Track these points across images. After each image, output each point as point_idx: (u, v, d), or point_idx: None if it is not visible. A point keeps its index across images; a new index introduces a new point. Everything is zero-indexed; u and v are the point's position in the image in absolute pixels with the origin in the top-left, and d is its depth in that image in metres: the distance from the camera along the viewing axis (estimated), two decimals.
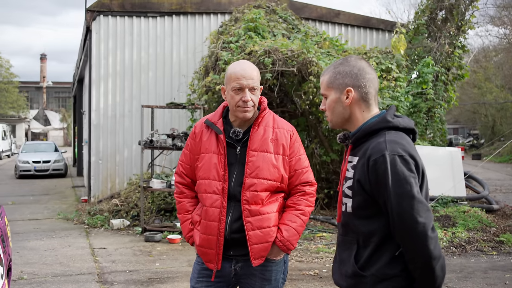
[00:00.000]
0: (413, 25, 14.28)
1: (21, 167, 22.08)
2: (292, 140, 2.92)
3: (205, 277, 2.94)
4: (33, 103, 69.93)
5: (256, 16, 10.12)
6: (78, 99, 24.55)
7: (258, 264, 2.84)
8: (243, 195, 2.82)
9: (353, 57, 2.27)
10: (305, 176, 2.94)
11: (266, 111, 2.96)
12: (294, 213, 2.90)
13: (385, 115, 2.19)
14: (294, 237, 2.87)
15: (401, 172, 2.01)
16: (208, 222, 2.86)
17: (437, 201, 10.81)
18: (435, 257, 1.99)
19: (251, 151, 2.85)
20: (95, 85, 12.63)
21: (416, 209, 1.98)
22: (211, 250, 2.87)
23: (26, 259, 7.60)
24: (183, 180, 3.09)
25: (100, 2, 12.96)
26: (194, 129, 3.06)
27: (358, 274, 2.11)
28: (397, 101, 9.75)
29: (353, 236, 2.18)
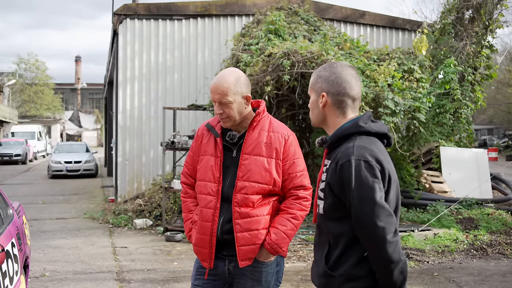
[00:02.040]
0: (439, 25, 14.12)
1: (53, 167, 22.65)
2: (286, 144, 2.97)
3: (202, 275, 3.06)
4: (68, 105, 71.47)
5: (276, 19, 10.17)
6: (109, 100, 25.03)
7: (245, 265, 2.92)
8: (234, 197, 2.91)
9: (338, 64, 2.35)
10: (298, 180, 2.98)
11: (262, 115, 3.02)
12: (285, 217, 2.94)
13: (357, 120, 2.25)
14: (283, 240, 2.91)
15: (365, 177, 2.07)
16: (203, 223, 2.96)
17: (461, 203, 10.68)
18: (393, 261, 2.03)
19: (245, 154, 2.93)
20: (121, 87, 12.89)
21: (376, 214, 2.03)
22: (204, 249, 2.97)
23: (50, 256, 7.84)
24: (187, 181, 3.21)
25: (127, 5, 13.23)
26: (197, 131, 3.18)
27: (327, 274, 2.18)
28: (419, 102, 9.65)
29: (325, 236, 2.25)
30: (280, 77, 9.04)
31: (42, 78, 59.69)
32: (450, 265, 7.39)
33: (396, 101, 9.26)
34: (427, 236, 8.76)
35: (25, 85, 57.92)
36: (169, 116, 11.57)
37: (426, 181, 11.68)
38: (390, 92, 9.33)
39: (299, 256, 7.81)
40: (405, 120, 9.98)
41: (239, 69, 9.97)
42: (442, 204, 10.41)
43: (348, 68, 2.33)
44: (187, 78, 13.14)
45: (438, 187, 11.54)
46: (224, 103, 2.90)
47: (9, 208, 4.69)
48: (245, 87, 2.95)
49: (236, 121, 2.95)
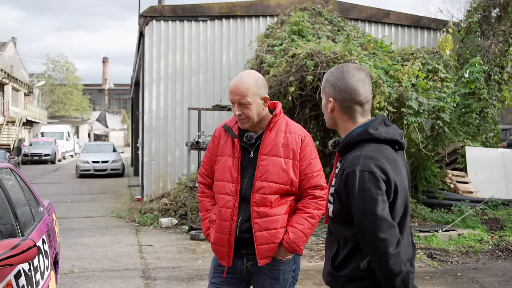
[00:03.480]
0: (465, 24, 13.99)
1: (81, 166, 23.07)
2: (303, 145, 3.03)
3: (220, 273, 3.13)
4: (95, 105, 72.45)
5: (300, 19, 10.23)
6: (135, 101, 25.36)
7: (264, 263, 2.99)
8: (252, 197, 2.98)
9: (346, 67, 2.33)
10: (315, 180, 3.04)
11: (279, 116, 3.08)
12: (302, 216, 3.01)
13: (367, 126, 2.24)
14: (301, 239, 2.97)
15: (368, 189, 2.08)
16: (221, 222, 3.04)
17: (486, 204, 10.59)
18: (394, 273, 2.05)
19: (262, 155, 3.00)
20: (147, 88, 13.10)
21: (377, 225, 2.04)
22: (223, 248, 3.04)
23: (78, 254, 8.04)
24: (205, 181, 3.28)
25: (153, 7, 13.43)
26: (214, 132, 3.23)
27: (332, 273, 2.26)
28: (443, 102, 9.61)
29: (335, 237, 2.30)
30: (304, 78, 9.10)
31: (71, 79, 60.71)
32: (474, 265, 7.35)
33: (420, 101, 9.24)
34: (451, 237, 8.72)
35: (54, 86, 58.98)
36: (194, 117, 11.72)
37: (451, 181, 11.60)
38: (414, 92, 9.32)
39: (322, 255, 7.87)
40: (430, 120, 9.95)
41: (263, 70, 10.09)
42: (467, 205, 10.34)
43: (356, 71, 2.30)
44: (212, 79, 13.28)
45: (463, 187, 11.46)
46: (243, 104, 2.95)
47: (40, 206, 4.86)
48: (263, 88, 3.01)
49: (254, 122, 3.01)
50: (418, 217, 10.06)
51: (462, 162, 12.29)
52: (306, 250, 8.21)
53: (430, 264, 7.36)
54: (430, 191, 10.90)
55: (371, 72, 8.83)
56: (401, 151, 2.33)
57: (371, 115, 2.37)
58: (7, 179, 4.17)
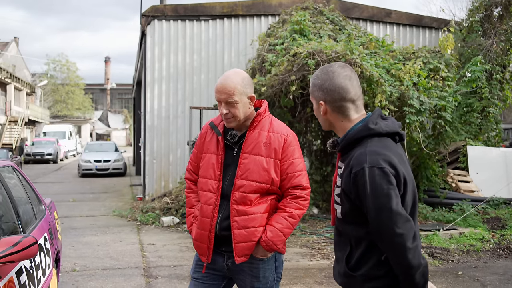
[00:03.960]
0: (467, 23, 13.99)
1: (83, 166, 23.11)
2: (285, 144, 3.03)
3: (201, 268, 3.14)
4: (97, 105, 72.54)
5: (301, 19, 10.24)
6: (137, 100, 25.39)
7: (241, 261, 3.00)
8: (232, 195, 2.99)
9: (330, 68, 2.31)
10: (297, 179, 3.03)
11: (263, 115, 3.09)
12: (282, 215, 3.01)
13: (366, 122, 2.23)
14: (279, 238, 2.97)
15: (380, 185, 2.06)
16: (203, 218, 3.06)
17: (488, 203, 10.59)
18: (413, 266, 2.05)
19: (244, 153, 3.01)
20: (149, 88, 13.12)
21: (394, 221, 2.03)
22: (203, 244, 3.06)
23: (80, 252, 8.06)
24: (191, 177, 3.30)
25: (155, 7, 13.45)
26: (202, 129, 3.26)
27: (348, 274, 2.23)
28: (445, 101, 9.61)
29: (346, 238, 2.28)
30: (305, 77, 9.11)
31: (72, 78, 60.81)
32: (475, 264, 7.36)
33: (422, 100, 9.25)
34: (452, 235, 8.73)
35: (56, 86, 59.08)
36: (195, 116, 11.74)
37: (453, 180, 11.61)
38: (415, 91, 9.32)
39: (323, 254, 7.88)
40: (431, 119, 9.96)
41: (265, 69, 10.09)
42: (469, 204, 10.34)
43: (341, 69, 2.28)
44: (213, 78, 13.29)
45: (465, 187, 11.46)
46: (230, 103, 2.95)
47: (42, 204, 4.88)
48: (250, 87, 3.02)
49: (241, 121, 3.01)
50: (419, 216, 10.06)
51: (464, 161, 12.29)
52: (307, 249, 8.23)
53: (431, 262, 7.37)
54: (432, 190, 10.90)
55: (372, 71, 8.84)
56: (400, 143, 2.31)
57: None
58: (9, 178, 4.19)
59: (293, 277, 6.66)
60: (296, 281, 6.46)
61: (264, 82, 9.50)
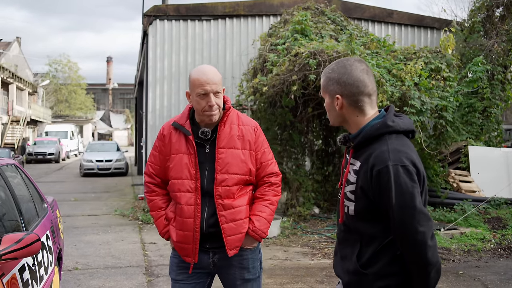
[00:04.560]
0: (468, 23, 14.00)
1: (85, 165, 23.16)
2: (256, 135, 3.11)
3: (184, 269, 3.11)
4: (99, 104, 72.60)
5: (303, 19, 10.26)
6: (139, 100, 25.43)
7: (234, 254, 3.03)
8: (215, 190, 3.00)
9: (346, 61, 2.29)
10: (270, 167, 3.15)
11: (231, 110, 3.13)
12: (263, 204, 3.11)
13: (385, 119, 2.21)
14: (265, 226, 3.08)
15: (404, 184, 2.06)
16: (184, 219, 3.03)
17: (489, 203, 10.60)
18: (431, 264, 2.07)
19: (220, 148, 3.02)
20: (151, 87, 13.15)
21: (417, 219, 2.05)
22: (188, 245, 3.04)
23: (82, 251, 8.09)
24: (153, 180, 3.23)
25: (157, 7, 13.47)
26: (162, 131, 3.17)
27: (360, 272, 2.20)
28: (446, 101, 9.63)
29: (355, 235, 2.25)
30: (307, 77, 9.13)
31: (74, 78, 60.89)
32: (476, 264, 7.37)
33: (423, 100, 9.26)
34: (453, 235, 8.74)
35: (58, 86, 59.16)
36: None
37: (454, 180, 11.62)
38: (416, 91, 9.34)
39: (324, 253, 7.90)
40: (432, 119, 9.97)
41: (266, 69, 10.10)
42: (470, 204, 10.35)
43: (358, 63, 2.26)
44: None
45: (466, 187, 11.47)
46: (218, 93, 2.97)
47: (44, 202, 4.91)
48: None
49: (221, 112, 3.06)
50: None
51: (465, 161, 12.30)
52: (308, 248, 8.25)
53: None
54: (433, 190, 10.91)
55: (373, 71, 8.86)
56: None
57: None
58: (12, 176, 4.22)
59: (294, 276, 6.69)
60: (297, 280, 6.48)
61: (266, 82, 9.52)
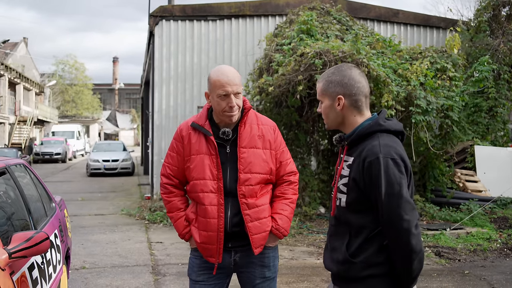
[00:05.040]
0: (474, 23, 13.98)
1: (92, 165, 23.25)
2: (275, 135, 3.16)
3: (206, 270, 3.13)
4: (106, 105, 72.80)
5: (309, 19, 10.28)
6: (145, 100, 25.50)
7: (259, 252, 3.08)
8: (239, 190, 3.02)
9: (345, 66, 2.48)
10: (289, 166, 3.20)
11: (250, 110, 3.15)
12: (284, 202, 3.16)
13: (377, 119, 2.41)
14: (287, 224, 3.13)
15: (393, 174, 2.23)
16: (208, 220, 3.03)
17: (495, 202, 10.58)
18: (415, 251, 2.20)
19: (242, 148, 3.05)
20: (157, 87, 13.20)
21: (403, 208, 2.20)
22: (212, 245, 3.05)
23: (89, 250, 8.15)
24: (171, 181, 3.22)
25: (163, 7, 13.53)
26: (180, 132, 3.15)
27: (348, 260, 2.34)
28: (452, 101, 9.63)
29: (345, 227, 2.39)
30: (312, 77, 9.15)
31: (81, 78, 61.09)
32: (482, 263, 7.37)
33: (429, 99, 9.27)
34: (459, 235, 8.74)
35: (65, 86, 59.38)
36: None
37: (460, 180, 11.61)
38: (422, 91, 9.34)
39: None
40: (438, 119, 9.97)
41: (272, 69, 10.12)
42: (476, 203, 10.35)
43: (354, 68, 2.47)
44: None
45: (472, 186, 11.46)
46: (238, 93, 3.00)
47: (52, 202, 4.96)
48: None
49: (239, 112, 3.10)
50: (426, 215, 10.07)
51: (471, 161, 12.28)
52: (314, 247, 8.27)
53: (438, 261, 7.40)
54: (439, 190, 10.91)
55: (379, 71, 8.87)
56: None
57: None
58: (21, 176, 4.27)
59: (300, 275, 6.71)
60: (303, 279, 6.51)
61: (271, 82, 9.55)
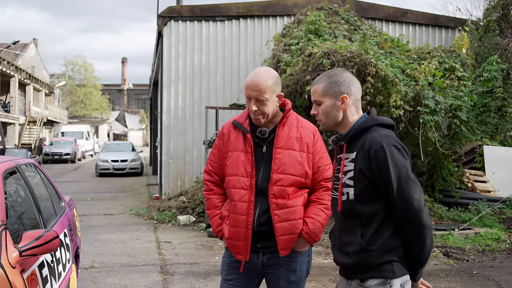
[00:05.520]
0: (483, 22, 13.92)
1: (101, 165, 23.37)
2: (315, 139, 3.14)
3: (235, 269, 3.16)
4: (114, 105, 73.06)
5: (316, 19, 10.29)
6: (154, 101, 25.59)
7: (285, 254, 3.05)
8: (270, 189, 3.03)
9: (340, 69, 2.65)
10: (327, 172, 3.13)
11: (290, 112, 3.17)
12: (318, 207, 3.10)
13: (371, 115, 2.58)
14: (319, 229, 3.07)
15: (398, 159, 2.40)
16: (237, 216, 3.08)
17: (504, 203, 10.54)
18: (427, 227, 2.36)
19: (277, 148, 3.07)
20: (166, 88, 13.26)
21: (412, 188, 2.37)
22: (239, 242, 3.08)
23: (98, 250, 8.20)
24: (212, 178, 3.30)
25: (171, 8, 13.59)
26: (222, 129, 3.26)
27: (366, 249, 2.43)
28: (460, 101, 9.60)
29: (355, 220, 2.49)
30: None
31: (90, 79, 61.39)
32: (491, 264, 7.36)
33: (437, 99, 9.25)
34: (468, 235, 8.72)
35: (74, 87, 59.70)
36: (211, 116, 11.84)
37: (469, 180, 11.57)
38: (430, 90, 9.32)
39: None
40: (446, 119, 9.95)
41: (280, 69, 10.16)
42: (485, 204, 10.31)
43: (348, 72, 2.65)
44: (229, 78, 13.39)
45: (481, 187, 11.42)
46: (261, 100, 3.02)
47: (62, 201, 5.01)
48: (278, 86, 3.09)
49: (269, 118, 3.08)
50: (435, 215, 10.05)
51: (480, 161, 12.23)
52: (322, 247, 8.28)
53: (446, 262, 7.38)
54: (447, 190, 10.88)
55: (387, 71, 8.86)
56: None
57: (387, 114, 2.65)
58: (32, 176, 4.32)
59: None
60: (310, 279, 6.52)
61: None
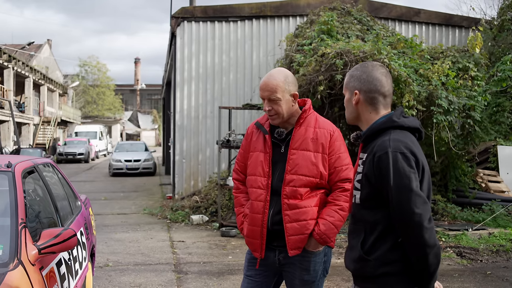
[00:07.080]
0: (497, 21, 13.84)
1: (114, 165, 23.53)
2: (332, 139, 3.14)
3: (254, 266, 3.25)
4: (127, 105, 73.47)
5: (329, 19, 10.30)
6: (167, 101, 25.70)
7: (294, 254, 3.09)
8: (283, 190, 3.09)
9: (369, 63, 2.51)
10: (344, 173, 3.12)
11: (309, 112, 3.20)
12: (332, 208, 3.10)
13: (391, 115, 2.41)
14: (331, 231, 3.07)
15: (402, 168, 2.22)
16: (254, 215, 3.17)
17: None
18: (429, 245, 2.16)
19: (292, 149, 3.12)
20: (179, 88, 13.33)
21: (413, 201, 2.17)
22: (256, 240, 3.17)
23: (112, 249, 8.29)
24: (239, 177, 3.42)
25: (184, 8, 13.66)
26: (247, 130, 3.38)
27: (363, 258, 2.32)
28: (474, 100, 9.56)
29: (361, 224, 2.40)
30: (333, 77, 9.17)
31: (103, 80, 61.81)
32: (505, 264, 7.33)
33: (450, 99, 9.22)
34: (481, 235, 8.68)
35: (87, 87, 60.14)
36: (224, 116, 11.89)
37: (482, 180, 11.51)
38: (443, 90, 9.30)
39: None
40: (460, 119, 9.91)
41: (293, 69, 10.18)
42: (498, 204, 10.25)
43: (379, 67, 2.48)
44: (242, 78, 13.44)
45: (495, 187, 11.36)
46: (273, 100, 3.08)
47: (78, 200, 5.08)
48: (292, 85, 3.13)
49: (284, 118, 3.13)
50: (448, 216, 10.02)
51: (494, 161, 12.17)
52: (335, 247, 8.29)
53: (459, 262, 7.37)
54: (460, 190, 10.83)
55: (400, 71, 8.85)
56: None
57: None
58: (49, 176, 4.39)
59: None
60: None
61: None
